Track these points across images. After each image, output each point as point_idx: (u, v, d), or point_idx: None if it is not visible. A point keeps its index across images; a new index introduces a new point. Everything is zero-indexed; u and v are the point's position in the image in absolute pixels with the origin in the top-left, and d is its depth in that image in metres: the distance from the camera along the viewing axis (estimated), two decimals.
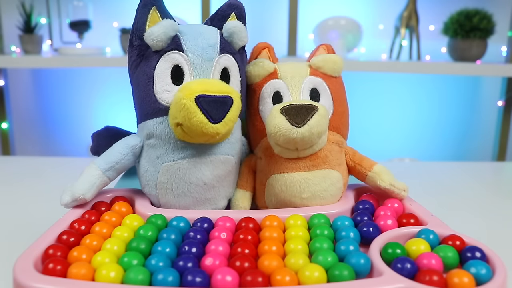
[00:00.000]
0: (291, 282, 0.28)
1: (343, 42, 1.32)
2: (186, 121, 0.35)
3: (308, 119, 0.36)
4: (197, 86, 0.35)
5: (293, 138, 0.36)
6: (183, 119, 0.35)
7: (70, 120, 1.62)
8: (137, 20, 0.38)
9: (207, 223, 0.36)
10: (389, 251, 0.31)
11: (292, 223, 0.36)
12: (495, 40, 1.32)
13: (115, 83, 1.54)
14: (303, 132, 0.36)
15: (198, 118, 0.35)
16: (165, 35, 0.37)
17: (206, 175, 0.39)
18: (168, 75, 0.38)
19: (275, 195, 0.40)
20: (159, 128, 0.38)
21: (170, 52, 0.38)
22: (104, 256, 0.30)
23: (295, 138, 0.36)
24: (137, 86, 0.39)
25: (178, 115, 0.35)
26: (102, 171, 0.39)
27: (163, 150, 0.38)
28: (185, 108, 0.35)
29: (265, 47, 0.44)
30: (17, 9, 1.37)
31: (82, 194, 0.37)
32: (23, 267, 0.28)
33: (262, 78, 0.42)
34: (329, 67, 0.42)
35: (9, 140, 1.46)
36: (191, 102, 0.34)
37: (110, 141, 0.43)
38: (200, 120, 0.35)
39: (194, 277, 0.27)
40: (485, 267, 0.29)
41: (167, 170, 0.38)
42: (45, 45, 1.49)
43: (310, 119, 0.36)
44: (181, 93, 0.35)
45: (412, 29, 1.34)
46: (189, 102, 0.34)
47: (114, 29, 1.48)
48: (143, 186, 0.41)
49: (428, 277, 0.28)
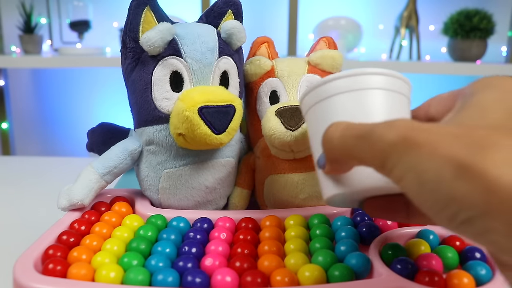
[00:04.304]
0: (291, 282, 0.28)
1: (343, 42, 1.32)
2: (189, 133, 0.35)
3: (302, 121, 0.36)
4: (199, 97, 0.34)
5: (287, 141, 0.36)
6: (186, 131, 0.35)
7: (70, 120, 1.62)
8: (130, 21, 0.37)
9: (207, 224, 0.36)
10: (388, 251, 0.31)
11: (292, 223, 0.36)
12: (495, 40, 1.32)
13: (115, 83, 1.54)
14: (297, 135, 0.36)
15: (201, 130, 0.34)
16: (162, 40, 0.35)
17: (208, 179, 0.39)
18: (166, 81, 0.37)
19: (273, 195, 0.40)
20: (160, 136, 0.37)
21: (168, 58, 0.36)
22: (104, 257, 0.30)
23: (289, 141, 0.36)
24: (134, 91, 0.38)
25: (180, 126, 0.35)
26: (100, 175, 0.38)
27: (164, 157, 0.38)
28: (188, 120, 0.34)
29: (264, 42, 0.43)
30: (17, 9, 1.37)
31: (81, 200, 0.37)
32: (23, 267, 0.28)
33: (259, 76, 0.42)
34: (327, 63, 0.41)
35: (9, 140, 1.46)
36: (194, 114, 0.34)
37: (104, 138, 0.42)
38: (204, 132, 0.34)
39: (194, 277, 0.28)
40: (485, 267, 0.29)
41: (169, 177, 0.38)
42: (45, 45, 1.49)
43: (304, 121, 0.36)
44: (183, 104, 0.34)
45: (412, 29, 1.34)
46: (192, 115, 0.34)
47: (114, 29, 1.48)
48: (144, 190, 0.41)
49: (428, 278, 0.28)
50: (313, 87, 0.27)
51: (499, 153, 0.16)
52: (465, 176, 0.16)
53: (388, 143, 0.18)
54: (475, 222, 0.16)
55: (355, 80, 0.25)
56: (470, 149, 0.16)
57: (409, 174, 0.18)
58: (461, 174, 0.16)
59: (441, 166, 0.16)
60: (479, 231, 0.16)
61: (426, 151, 0.17)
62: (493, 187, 0.15)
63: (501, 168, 0.15)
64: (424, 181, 0.17)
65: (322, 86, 0.26)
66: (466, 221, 0.16)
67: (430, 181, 0.17)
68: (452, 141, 0.17)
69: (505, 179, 0.15)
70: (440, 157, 0.17)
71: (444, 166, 0.16)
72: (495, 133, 0.17)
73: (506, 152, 0.16)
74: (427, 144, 0.17)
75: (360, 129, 0.20)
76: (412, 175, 0.17)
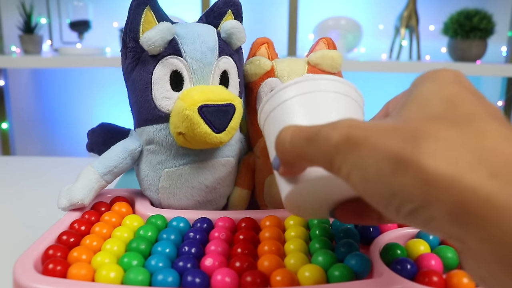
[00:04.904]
0: (291, 282, 0.28)
1: (343, 42, 1.32)
2: (189, 132, 0.35)
3: None
4: (199, 96, 0.34)
5: None
6: (186, 130, 0.35)
7: (70, 120, 1.62)
8: (131, 21, 0.37)
9: (206, 224, 0.36)
10: (388, 251, 0.31)
11: (292, 223, 0.36)
12: (495, 40, 1.32)
13: (115, 83, 1.54)
14: None
15: (201, 129, 0.34)
16: (163, 40, 0.36)
17: (208, 179, 0.39)
18: (167, 81, 0.37)
19: (274, 195, 0.40)
20: (160, 135, 0.38)
21: (168, 57, 0.36)
22: (104, 257, 0.30)
23: None
24: (134, 91, 0.38)
25: (180, 125, 0.35)
26: (101, 175, 0.38)
27: (164, 156, 0.38)
28: (188, 119, 0.34)
29: (264, 43, 0.44)
30: (17, 9, 1.37)
31: (81, 200, 0.37)
32: (23, 267, 0.28)
33: (259, 76, 0.42)
34: (327, 63, 0.41)
35: (9, 140, 1.46)
36: (194, 113, 0.34)
37: (104, 138, 0.42)
38: (204, 130, 0.34)
39: (194, 277, 0.28)
40: None
41: (169, 176, 0.38)
42: (45, 45, 1.49)
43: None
44: (183, 103, 0.35)
45: (412, 29, 1.34)
46: (192, 113, 0.34)
47: (114, 29, 1.48)
48: (144, 190, 0.41)
49: (427, 278, 0.28)
50: (269, 96, 0.28)
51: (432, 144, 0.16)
52: (403, 169, 0.16)
53: (333, 144, 0.19)
54: (419, 213, 0.17)
55: (304, 85, 0.27)
56: (406, 143, 0.17)
57: (354, 171, 0.18)
58: (399, 167, 0.17)
59: (381, 161, 0.17)
60: (424, 221, 0.17)
61: (367, 147, 0.18)
62: (430, 178, 0.16)
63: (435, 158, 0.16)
64: (368, 177, 0.18)
65: (275, 95, 0.28)
66: (410, 212, 0.17)
67: (372, 176, 0.17)
68: (389, 136, 0.17)
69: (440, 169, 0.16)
70: (379, 152, 0.17)
71: (383, 161, 0.17)
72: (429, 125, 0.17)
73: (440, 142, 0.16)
74: (367, 141, 0.18)
75: (308, 131, 0.21)
76: (356, 172, 0.18)
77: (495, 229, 0.15)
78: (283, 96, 0.27)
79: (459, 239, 0.16)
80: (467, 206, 0.15)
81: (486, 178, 0.15)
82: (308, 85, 0.27)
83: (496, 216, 0.15)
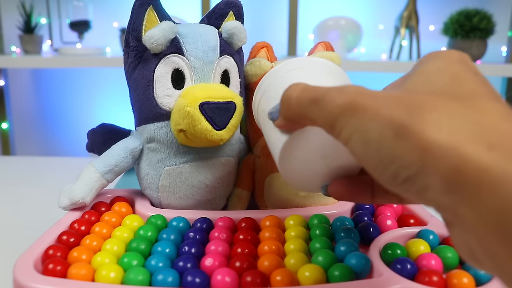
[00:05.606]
0: (291, 282, 0.28)
1: (343, 42, 1.32)
2: (190, 128, 0.35)
3: None
4: (200, 93, 0.35)
5: None
6: (187, 126, 0.35)
7: (70, 120, 1.62)
8: (133, 20, 0.37)
9: (206, 224, 0.36)
10: (388, 251, 0.31)
11: (292, 223, 0.36)
12: (495, 40, 1.32)
13: (115, 83, 1.54)
14: None
15: (202, 125, 0.35)
16: (165, 38, 0.36)
17: (208, 178, 0.39)
18: (168, 79, 0.37)
19: (274, 194, 0.40)
20: (161, 133, 0.38)
21: (170, 56, 0.37)
22: (104, 257, 0.30)
23: None
24: (136, 89, 0.39)
25: (181, 122, 0.35)
26: (101, 174, 0.38)
27: (164, 154, 0.38)
28: (189, 115, 0.34)
29: (264, 46, 0.44)
30: (17, 9, 1.37)
31: (82, 198, 0.37)
32: (23, 267, 0.28)
33: (259, 77, 0.42)
34: None
35: (9, 140, 1.46)
36: (195, 109, 0.34)
37: (104, 138, 0.42)
38: (205, 127, 0.35)
39: (194, 277, 0.28)
40: None
41: (169, 174, 0.38)
42: (45, 45, 1.49)
43: None
44: (185, 100, 0.35)
45: (412, 29, 1.34)
46: (193, 110, 0.34)
47: (114, 29, 1.48)
48: (144, 188, 0.41)
49: (427, 278, 0.28)
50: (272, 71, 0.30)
51: (434, 115, 0.17)
52: (403, 136, 0.17)
53: (337, 107, 0.20)
54: (415, 180, 0.17)
55: (310, 59, 0.30)
56: (410, 111, 0.17)
57: (355, 135, 0.19)
58: (400, 134, 0.17)
59: (383, 127, 0.18)
60: (419, 189, 0.17)
61: (371, 113, 0.18)
62: (428, 146, 0.16)
63: (436, 128, 0.17)
64: (368, 141, 0.18)
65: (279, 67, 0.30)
66: (406, 179, 0.17)
67: (373, 140, 0.18)
68: (394, 104, 0.18)
69: (439, 137, 0.16)
70: (383, 118, 0.18)
71: (386, 127, 0.18)
72: (433, 97, 0.18)
73: (441, 113, 0.17)
74: (371, 107, 0.18)
75: (315, 91, 0.21)
76: (357, 135, 0.19)
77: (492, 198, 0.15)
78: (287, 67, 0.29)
79: (452, 209, 0.16)
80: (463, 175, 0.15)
81: (485, 149, 0.15)
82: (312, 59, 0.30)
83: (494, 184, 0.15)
